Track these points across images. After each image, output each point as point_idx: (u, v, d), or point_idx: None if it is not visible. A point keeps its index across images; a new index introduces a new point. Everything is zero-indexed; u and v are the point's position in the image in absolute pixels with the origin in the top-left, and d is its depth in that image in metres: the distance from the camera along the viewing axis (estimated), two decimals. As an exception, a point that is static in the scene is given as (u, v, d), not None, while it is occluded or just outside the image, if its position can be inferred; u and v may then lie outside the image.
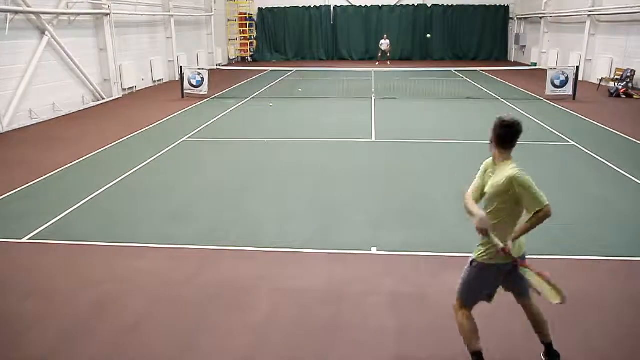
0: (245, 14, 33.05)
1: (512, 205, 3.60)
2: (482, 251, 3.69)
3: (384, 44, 29.80)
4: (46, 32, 14.17)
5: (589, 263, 5.72)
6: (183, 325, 4.56)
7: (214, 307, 4.85)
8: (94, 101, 16.64)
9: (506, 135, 3.65)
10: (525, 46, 30.11)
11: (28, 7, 13.24)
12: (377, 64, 28.87)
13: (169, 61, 22.93)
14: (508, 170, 3.60)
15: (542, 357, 3.98)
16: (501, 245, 3.57)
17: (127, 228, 6.74)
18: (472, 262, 3.77)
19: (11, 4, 12.70)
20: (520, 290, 3.85)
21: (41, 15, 13.91)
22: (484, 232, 3.59)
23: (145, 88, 20.43)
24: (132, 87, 19.31)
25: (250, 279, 5.35)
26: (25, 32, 13.58)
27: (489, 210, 3.69)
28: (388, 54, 29.82)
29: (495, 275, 3.75)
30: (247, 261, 5.82)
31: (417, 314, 4.71)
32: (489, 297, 3.86)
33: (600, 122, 13.05)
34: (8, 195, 7.97)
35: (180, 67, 18.57)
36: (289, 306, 4.84)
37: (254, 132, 12.33)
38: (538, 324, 3.93)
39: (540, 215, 3.54)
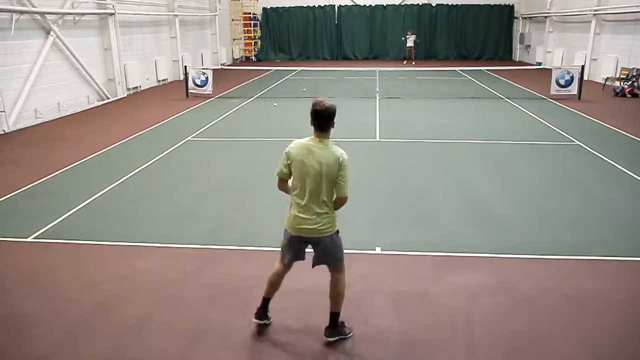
0: (250, 13, 33.11)
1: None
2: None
3: (410, 40, 29.52)
4: (51, 32, 14.23)
5: (593, 263, 5.70)
6: (185, 324, 4.57)
7: (216, 307, 4.86)
8: (98, 101, 16.69)
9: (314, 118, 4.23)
10: (530, 45, 30.03)
11: (33, 7, 13.30)
12: (405, 63, 28.72)
13: (174, 61, 22.99)
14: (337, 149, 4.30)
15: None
16: None
17: (130, 228, 6.76)
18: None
19: (16, 4, 12.76)
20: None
21: (46, 15, 13.96)
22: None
23: (150, 88, 20.49)
24: (136, 87, 19.37)
25: (251, 278, 5.35)
26: (31, 32, 13.63)
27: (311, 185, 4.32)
28: (413, 52, 29.60)
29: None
30: (250, 261, 5.83)
31: (420, 313, 4.71)
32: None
33: (605, 122, 12.99)
34: (14, 195, 8.01)
35: (185, 66, 18.63)
36: (290, 306, 4.84)
37: (258, 132, 12.35)
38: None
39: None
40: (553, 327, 4.45)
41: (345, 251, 6.14)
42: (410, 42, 29.64)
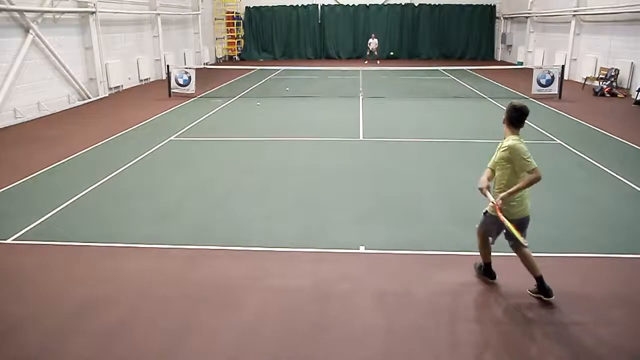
0: (233, 12, 32.95)
1: (511, 170, 4.65)
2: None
3: (372, 42, 29.87)
4: (30, 30, 14.01)
5: (576, 261, 5.78)
6: (170, 324, 4.55)
7: (202, 307, 4.84)
8: (79, 100, 16.48)
9: (515, 117, 4.78)
10: (511, 45, 30.34)
11: (11, 4, 13.09)
12: (366, 62, 28.97)
13: (156, 60, 22.78)
14: (509, 140, 4.70)
15: (529, 292, 4.94)
16: (492, 200, 4.69)
17: (114, 228, 6.69)
18: (484, 213, 4.97)
19: (-6, 1, 12.56)
20: (508, 239, 4.81)
21: (25, 13, 13.74)
22: (481, 191, 4.77)
23: (132, 87, 20.28)
24: (118, 86, 19.16)
25: (237, 278, 5.35)
26: (9, 30, 13.41)
27: (498, 175, 4.78)
28: (376, 53, 29.90)
29: (492, 222, 4.84)
30: (234, 261, 5.81)
31: (404, 312, 4.73)
32: (492, 239, 5.02)
33: (585, 121, 13.19)
34: (-8, 196, 7.89)
35: (167, 66, 18.51)
36: (276, 305, 4.84)
37: (241, 132, 12.30)
38: (528, 266, 4.86)
39: (531, 177, 4.53)
40: (538, 326, 4.51)
41: (328, 250, 6.19)
42: (372, 45, 29.86)
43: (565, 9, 22.25)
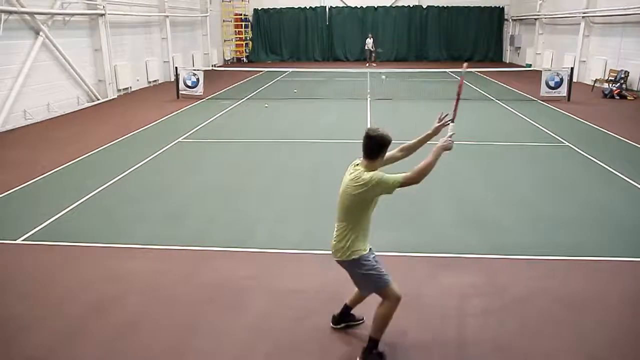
0: (241, 14, 33.06)
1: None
2: None
3: (369, 43, 29.83)
4: (41, 33, 14.13)
5: (584, 264, 5.74)
6: (178, 325, 4.56)
7: (209, 308, 4.85)
8: (88, 102, 16.59)
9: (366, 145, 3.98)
10: (520, 47, 30.21)
11: (22, 7, 13.20)
12: (367, 65, 28.95)
13: (164, 62, 22.90)
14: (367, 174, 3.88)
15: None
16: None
17: (122, 229, 6.73)
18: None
19: (5, 4, 12.65)
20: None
21: (35, 15, 13.86)
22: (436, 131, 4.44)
23: (141, 89, 20.39)
24: (127, 88, 19.27)
25: (244, 279, 5.36)
26: (20, 32, 13.53)
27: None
28: (373, 54, 29.81)
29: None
30: (242, 262, 5.82)
31: (411, 314, 4.72)
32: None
33: (594, 124, 13.10)
34: (3, 196, 7.94)
35: (176, 67, 18.57)
36: (282, 307, 4.84)
37: (249, 133, 12.33)
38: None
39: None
40: (544, 328, 4.48)
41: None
42: (369, 45, 29.83)
43: (575, 10, 22.14)
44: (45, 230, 6.65)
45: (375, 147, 3.96)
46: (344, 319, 4.42)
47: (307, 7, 33.06)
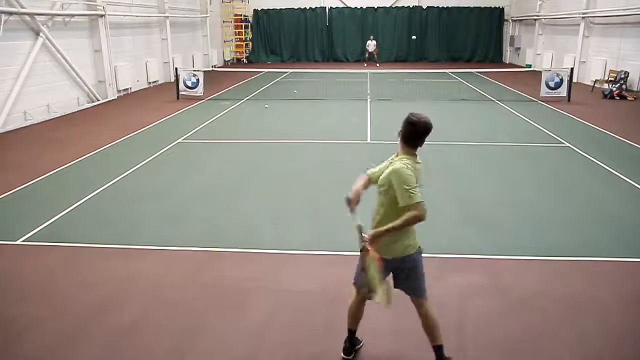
0: (241, 15, 33.06)
1: (391, 199, 3.67)
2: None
3: (371, 45, 29.84)
4: (41, 34, 14.12)
5: (586, 265, 5.73)
6: (180, 326, 4.55)
7: (211, 309, 4.84)
8: (88, 103, 16.58)
9: (409, 133, 3.82)
10: (520, 48, 30.21)
11: (22, 8, 13.18)
12: (365, 65, 28.96)
13: (164, 62, 22.88)
14: (397, 162, 3.72)
15: None
16: (363, 232, 3.69)
17: (123, 230, 6.72)
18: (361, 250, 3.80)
19: (5, 4, 12.64)
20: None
21: (35, 16, 13.86)
22: (349, 203, 3.90)
23: (141, 89, 20.38)
24: (127, 89, 19.26)
25: (247, 280, 5.34)
26: (20, 33, 13.52)
27: (377, 202, 3.81)
28: (375, 56, 29.86)
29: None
30: (244, 263, 5.81)
31: (415, 314, 4.70)
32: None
33: (594, 124, 13.11)
34: (3, 197, 7.93)
35: (176, 68, 18.57)
36: (285, 308, 4.83)
37: (249, 134, 12.32)
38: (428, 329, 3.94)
39: (410, 215, 3.55)
40: (547, 329, 4.48)
41: (338, 253, 6.15)
42: (371, 47, 29.85)
43: (575, 11, 22.14)
44: (45, 231, 6.64)
45: (416, 134, 3.84)
46: (355, 345, 4.21)
47: (307, 8, 33.04)
